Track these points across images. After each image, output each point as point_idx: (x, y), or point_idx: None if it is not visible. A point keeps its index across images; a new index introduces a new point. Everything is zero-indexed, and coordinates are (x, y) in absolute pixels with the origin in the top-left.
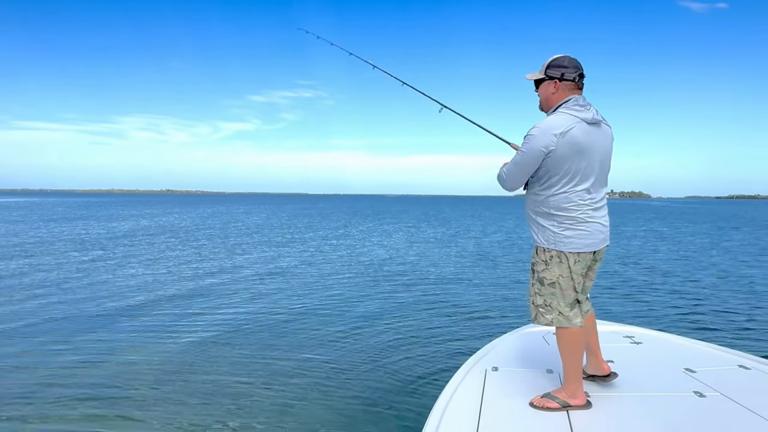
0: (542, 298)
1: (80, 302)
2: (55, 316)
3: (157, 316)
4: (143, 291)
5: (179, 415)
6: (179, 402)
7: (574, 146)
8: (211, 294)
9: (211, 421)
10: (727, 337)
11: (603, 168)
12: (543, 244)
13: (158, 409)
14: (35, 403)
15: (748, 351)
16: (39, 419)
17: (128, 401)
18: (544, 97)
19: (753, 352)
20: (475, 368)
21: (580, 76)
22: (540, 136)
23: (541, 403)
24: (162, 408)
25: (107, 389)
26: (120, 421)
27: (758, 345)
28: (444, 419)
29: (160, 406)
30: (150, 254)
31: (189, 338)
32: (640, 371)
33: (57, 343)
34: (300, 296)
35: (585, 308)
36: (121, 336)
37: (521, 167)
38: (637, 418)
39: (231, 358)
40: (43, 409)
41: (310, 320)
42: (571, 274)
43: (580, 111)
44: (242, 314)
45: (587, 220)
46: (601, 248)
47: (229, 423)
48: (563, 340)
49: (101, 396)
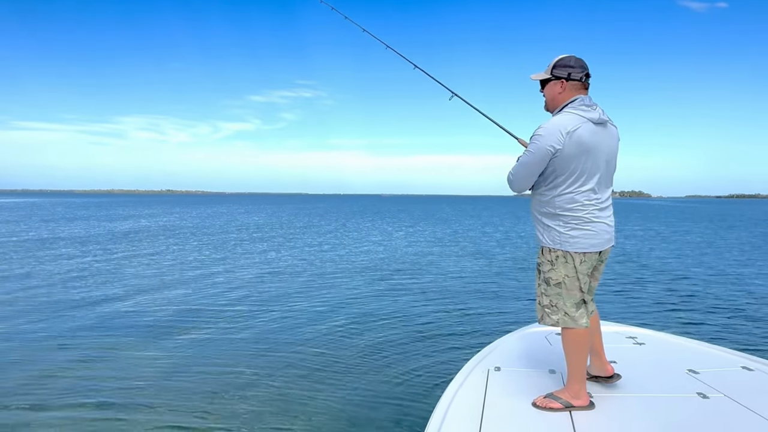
0: (548, 298)
1: (76, 302)
2: (52, 314)
3: (156, 313)
4: (142, 290)
5: (177, 414)
6: (177, 401)
7: (581, 146)
8: (211, 293)
9: (211, 420)
10: (730, 338)
11: (609, 168)
12: (549, 244)
13: (155, 407)
14: (33, 402)
15: (752, 352)
16: (38, 417)
17: (125, 399)
18: (551, 97)
19: (756, 354)
20: (477, 368)
21: (586, 75)
22: (547, 135)
23: (543, 404)
24: (160, 406)
25: (104, 388)
26: (116, 419)
27: (762, 346)
28: (446, 419)
29: (158, 404)
30: (149, 253)
31: (189, 337)
32: (643, 372)
33: (57, 339)
34: (300, 296)
35: (590, 309)
36: (120, 333)
37: (528, 167)
38: (640, 419)
39: (230, 357)
40: (41, 405)
41: (311, 320)
42: (577, 274)
43: (586, 111)
44: (241, 313)
45: (593, 220)
46: (606, 248)
47: (228, 423)
48: (569, 341)
49: (100, 394)
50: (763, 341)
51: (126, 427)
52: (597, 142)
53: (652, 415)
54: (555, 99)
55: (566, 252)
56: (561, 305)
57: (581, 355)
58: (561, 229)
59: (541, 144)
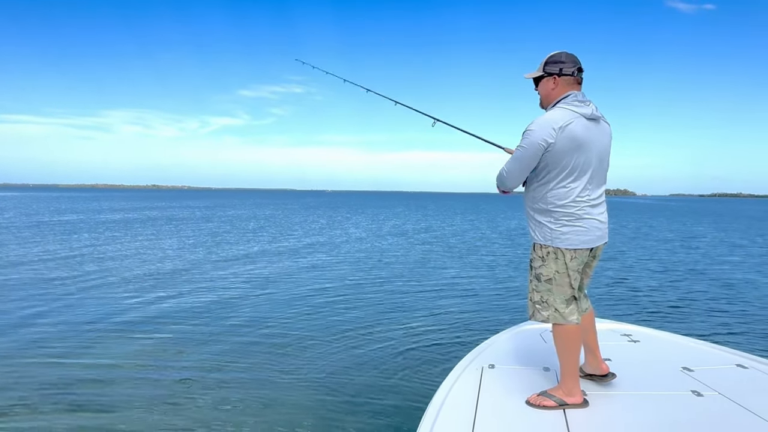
0: (539, 294)
1: (70, 303)
2: (49, 311)
3: (142, 308)
4: (126, 285)
5: (173, 413)
6: (172, 399)
7: (573, 141)
8: (201, 290)
9: (205, 420)
10: (724, 335)
11: (601, 165)
12: (540, 240)
13: (148, 406)
14: (31, 401)
15: (746, 350)
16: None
17: (118, 398)
18: (545, 93)
19: (751, 352)
20: (471, 365)
21: (578, 70)
22: (539, 130)
23: (537, 402)
24: (153, 404)
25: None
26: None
27: (756, 344)
28: (440, 417)
29: (152, 402)
30: (133, 247)
31: (185, 336)
32: (638, 370)
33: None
34: (291, 295)
35: (584, 306)
36: (112, 331)
37: (521, 162)
38: (634, 417)
39: (223, 356)
40: (34, 407)
41: (302, 317)
42: (568, 270)
43: (579, 106)
44: (231, 311)
45: (584, 217)
46: (598, 245)
47: (223, 422)
48: (559, 338)
49: (92, 393)
50: (757, 339)
51: (108, 425)
52: (589, 137)
53: (646, 412)
54: (549, 95)
55: (557, 248)
56: (551, 301)
57: (573, 352)
58: (552, 226)
59: (533, 139)
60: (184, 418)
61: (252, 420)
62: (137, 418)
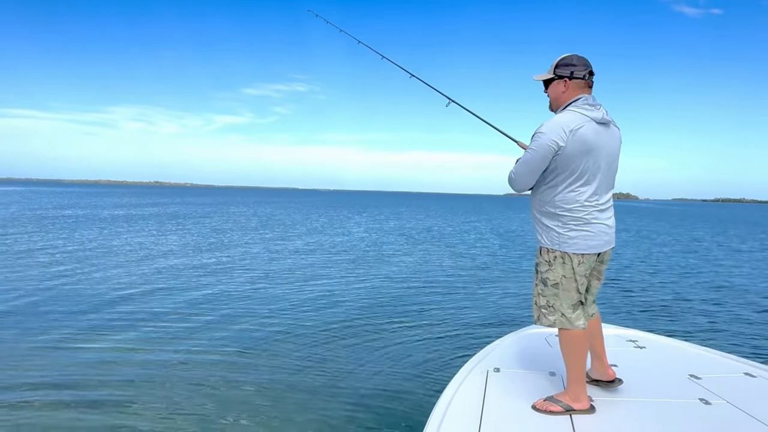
0: (545, 299)
1: (67, 303)
2: (48, 309)
3: (144, 310)
4: (126, 286)
5: (173, 413)
6: (173, 399)
7: (584, 145)
8: (202, 287)
9: (206, 419)
10: (732, 343)
11: (610, 169)
12: (547, 244)
13: (149, 405)
14: (28, 400)
15: (754, 359)
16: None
17: (118, 396)
18: (554, 96)
19: (759, 360)
20: (476, 369)
21: (589, 73)
22: (549, 133)
23: (543, 407)
24: (154, 404)
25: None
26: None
27: (765, 353)
28: (445, 420)
29: (152, 401)
30: (136, 242)
31: (186, 334)
32: (645, 376)
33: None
34: (293, 297)
35: (590, 311)
36: (112, 330)
37: (530, 165)
38: (641, 424)
39: (226, 356)
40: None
41: (306, 319)
42: (575, 275)
43: (589, 110)
44: (235, 311)
45: (592, 222)
46: (606, 250)
47: (224, 422)
48: (566, 343)
49: (93, 392)
50: (766, 348)
51: (107, 424)
52: (599, 142)
53: (653, 420)
54: (559, 98)
55: (564, 253)
56: (558, 306)
57: (579, 357)
58: (560, 230)
59: (543, 141)
60: (185, 417)
61: (254, 422)
62: (137, 418)
